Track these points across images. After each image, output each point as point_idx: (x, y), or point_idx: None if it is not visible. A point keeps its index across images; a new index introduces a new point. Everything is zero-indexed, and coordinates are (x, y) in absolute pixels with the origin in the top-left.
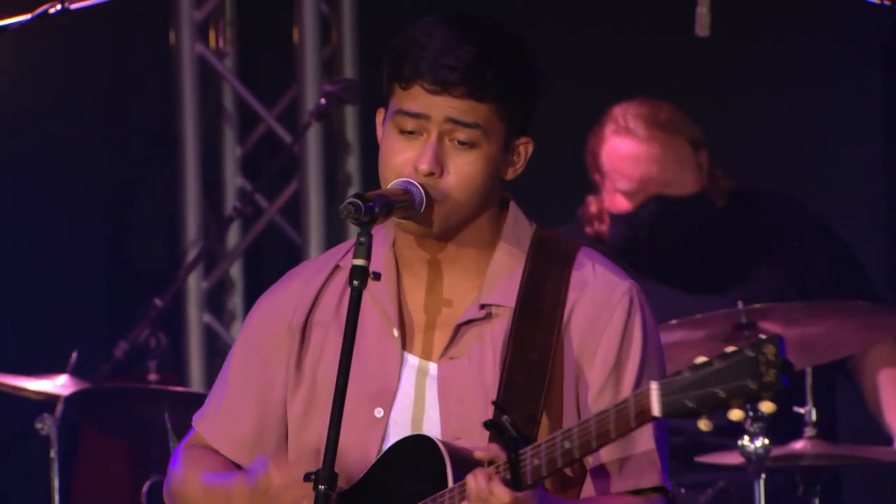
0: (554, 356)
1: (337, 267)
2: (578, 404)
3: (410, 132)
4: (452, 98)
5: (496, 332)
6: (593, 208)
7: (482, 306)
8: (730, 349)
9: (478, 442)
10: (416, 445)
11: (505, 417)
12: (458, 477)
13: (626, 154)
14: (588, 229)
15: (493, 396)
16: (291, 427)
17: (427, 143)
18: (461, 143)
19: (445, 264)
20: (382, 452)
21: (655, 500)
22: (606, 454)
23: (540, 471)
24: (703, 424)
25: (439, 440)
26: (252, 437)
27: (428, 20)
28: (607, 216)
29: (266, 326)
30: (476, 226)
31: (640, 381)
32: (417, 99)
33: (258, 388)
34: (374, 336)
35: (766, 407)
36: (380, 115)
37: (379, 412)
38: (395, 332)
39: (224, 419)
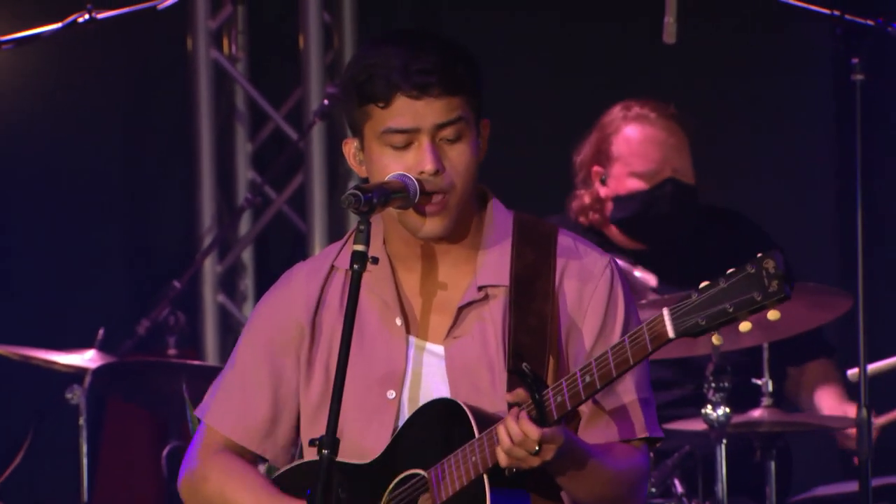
0: (551, 320)
1: (333, 268)
2: (569, 360)
3: (401, 147)
4: (432, 99)
5: (494, 310)
6: (587, 199)
7: (480, 288)
8: (730, 270)
9: (486, 409)
10: (438, 409)
11: (525, 364)
12: (482, 429)
13: (645, 137)
14: (582, 219)
15: (498, 367)
16: (304, 417)
17: (422, 147)
18: (450, 140)
19: (437, 255)
20: (405, 422)
21: (643, 449)
22: (598, 407)
23: (564, 406)
24: (715, 339)
25: (461, 400)
26: (266, 425)
27: (366, 46)
28: (609, 202)
29: (273, 323)
30: (464, 216)
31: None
32: (401, 112)
33: (270, 380)
34: (377, 326)
35: (773, 315)
36: (349, 145)
37: (391, 394)
38: (398, 321)
39: (238, 410)
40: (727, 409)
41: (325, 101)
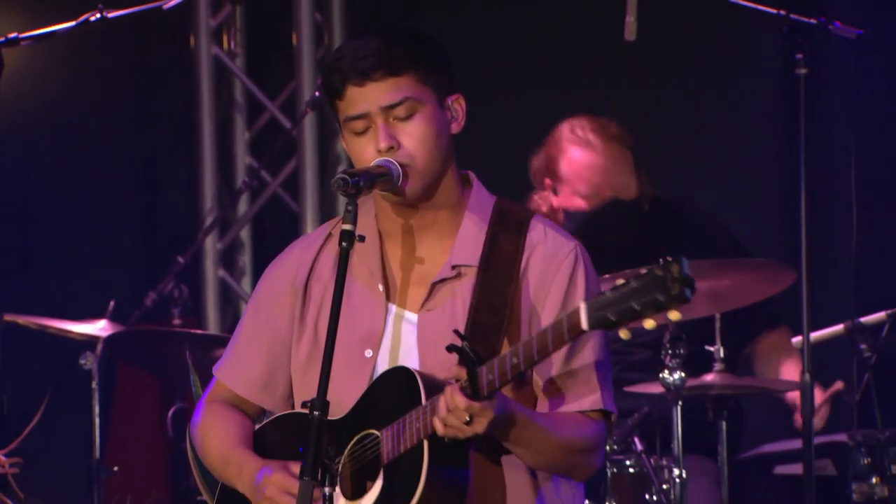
0: (512, 301)
1: (330, 235)
2: None
3: (363, 132)
4: (376, 83)
5: (465, 288)
6: (544, 208)
7: (453, 267)
8: (643, 270)
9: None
10: (397, 375)
11: (465, 343)
12: (430, 396)
13: (586, 163)
14: None
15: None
16: (295, 371)
17: (377, 129)
18: (402, 118)
19: (420, 231)
20: (370, 383)
21: (599, 421)
22: (554, 380)
23: (494, 384)
24: (623, 334)
25: (415, 369)
26: (263, 378)
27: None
28: (561, 213)
29: (272, 287)
30: (444, 195)
31: None
32: (353, 101)
33: (267, 338)
34: (362, 292)
35: (673, 315)
36: (342, 141)
37: (368, 353)
38: (380, 287)
39: (239, 364)
40: (682, 374)
41: (317, 93)
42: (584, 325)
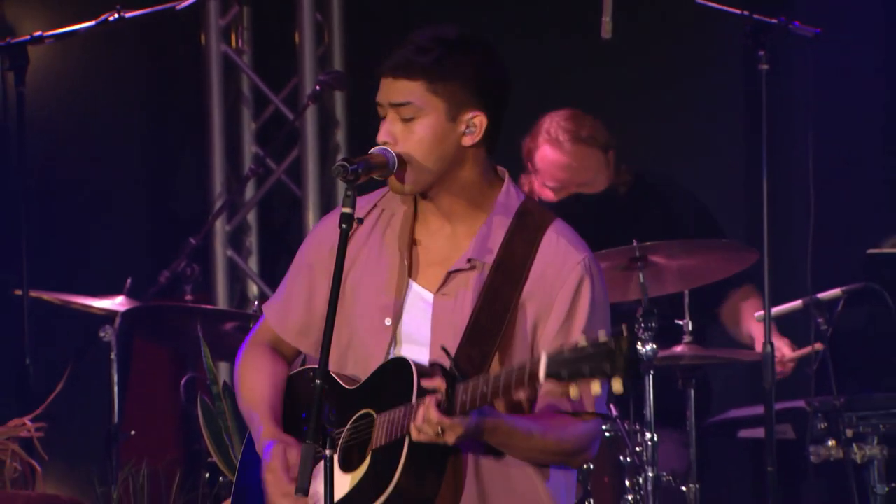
0: (514, 308)
1: (375, 205)
2: (533, 348)
3: (383, 116)
4: (393, 80)
5: (478, 282)
6: (527, 188)
7: (469, 260)
8: (603, 339)
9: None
10: (401, 366)
11: (452, 361)
12: (421, 396)
13: (554, 161)
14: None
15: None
16: None
17: (385, 122)
18: (404, 118)
19: (444, 217)
20: (382, 363)
21: (591, 420)
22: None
23: (465, 405)
24: (572, 390)
25: (416, 364)
26: (300, 325)
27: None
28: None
29: (317, 246)
30: (462, 187)
31: (587, 333)
32: (381, 87)
33: (306, 291)
34: (392, 259)
35: (616, 385)
36: None
37: (388, 321)
38: (406, 261)
39: (282, 308)
40: (654, 346)
41: (317, 87)
42: (541, 376)
